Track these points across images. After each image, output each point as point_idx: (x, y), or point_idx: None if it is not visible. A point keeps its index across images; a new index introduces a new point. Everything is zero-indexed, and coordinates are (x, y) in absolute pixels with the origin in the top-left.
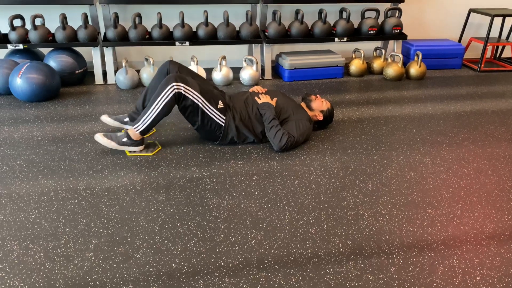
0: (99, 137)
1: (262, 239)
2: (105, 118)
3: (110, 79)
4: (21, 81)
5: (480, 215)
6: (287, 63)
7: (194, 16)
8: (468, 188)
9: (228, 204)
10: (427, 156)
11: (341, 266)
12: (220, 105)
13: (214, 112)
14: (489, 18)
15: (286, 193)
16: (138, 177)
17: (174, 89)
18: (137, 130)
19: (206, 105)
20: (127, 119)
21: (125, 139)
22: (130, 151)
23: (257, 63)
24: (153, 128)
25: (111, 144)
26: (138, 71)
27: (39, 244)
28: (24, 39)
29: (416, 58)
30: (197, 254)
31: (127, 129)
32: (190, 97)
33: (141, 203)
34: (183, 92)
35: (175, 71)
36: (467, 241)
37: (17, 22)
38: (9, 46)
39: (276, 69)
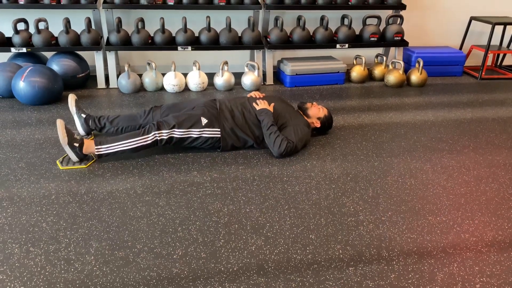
0: (59, 124)
1: (263, 245)
2: (70, 98)
3: (113, 83)
4: (24, 85)
5: (480, 222)
6: (288, 69)
7: (196, 21)
8: (468, 195)
9: (228, 209)
10: (428, 163)
11: (341, 273)
12: (204, 121)
13: (203, 131)
14: (490, 26)
15: (287, 198)
16: (139, 181)
17: (156, 137)
18: (97, 151)
19: (191, 131)
20: (83, 115)
21: (76, 144)
22: (62, 163)
23: (258, 69)
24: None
25: (63, 139)
26: (140, 75)
27: (40, 247)
28: (27, 42)
29: (417, 65)
30: (197, 259)
31: (84, 138)
32: (171, 135)
33: (142, 207)
34: (164, 137)
35: (158, 115)
36: (467, 249)
37: (20, 26)
38: (13, 49)
39: (278, 74)
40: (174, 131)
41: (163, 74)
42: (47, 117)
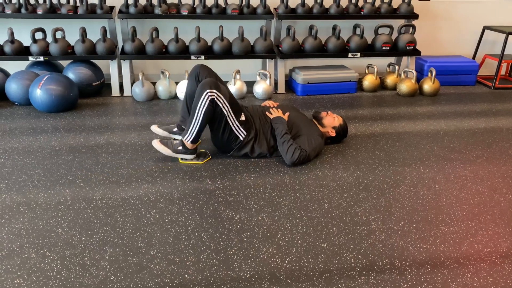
0: (156, 144)
1: (275, 253)
2: (155, 129)
3: (127, 91)
4: (40, 92)
5: (494, 233)
6: (300, 77)
7: (209, 31)
8: (482, 205)
9: (240, 216)
10: (441, 172)
11: (353, 282)
12: (242, 117)
13: (236, 124)
14: (503, 35)
15: (299, 207)
16: (153, 188)
17: (209, 96)
18: (187, 140)
19: (231, 115)
20: (175, 129)
21: (180, 148)
22: (182, 159)
23: (270, 77)
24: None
25: (167, 152)
26: (154, 83)
27: (55, 252)
28: (44, 51)
29: (429, 74)
30: (210, 266)
31: (181, 139)
32: (220, 104)
33: (155, 214)
34: (215, 99)
35: (205, 77)
36: (481, 260)
37: (38, 35)
38: (30, 58)
39: (290, 83)
40: (224, 101)
41: (177, 83)
42: (63, 124)
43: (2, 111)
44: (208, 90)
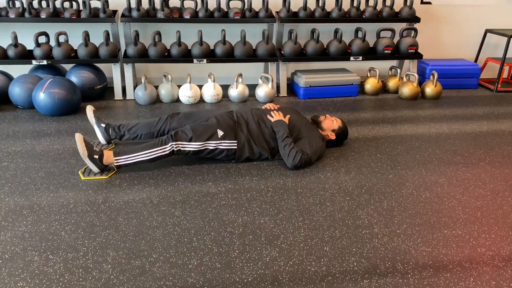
0: (78, 138)
1: (277, 256)
2: (88, 109)
3: (129, 95)
4: (44, 96)
5: (497, 236)
6: (302, 81)
7: (212, 34)
8: (484, 209)
9: (243, 220)
10: (443, 176)
11: (355, 285)
12: (220, 133)
13: (219, 143)
14: (505, 38)
15: (301, 210)
16: (155, 191)
17: (173, 147)
18: (116, 162)
19: (208, 143)
20: (103, 125)
21: (96, 156)
22: (84, 173)
23: (272, 81)
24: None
25: (83, 152)
26: (156, 87)
27: (58, 255)
28: (48, 55)
29: (431, 77)
30: (212, 269)
31: (103, 150)
32: (188, 148)
33: (158, 217)
34: (181, 149)
35: (175, 122)
36: (484, 263)
37: (42, 39)
38: (34, 61)
39: (292, 86)
40: (191, 144)
41: (179, 86)
42: (66, 127)
43: (5, 114)
44: (173, 143)
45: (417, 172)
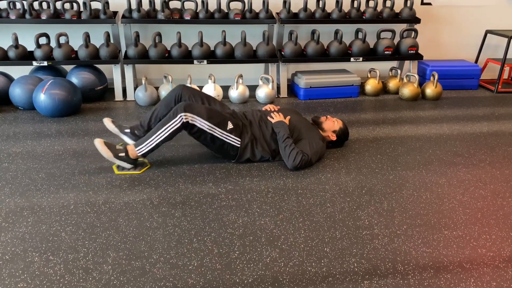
0: (99, 144)
1: (277, 257)
2: (107, 122)
3: (130, 96)
4: (44, 97)
5: (498, 237)
6: (302, 81)
7: (212, 35)
8: (485, 210)
9: (243, 221)
10: (443, 177)
11: (356, 286)
12: (230, 125)
13: (225, 134)
14: (506, 39)
15: (301, 211)
16: (155, 192)
17: (182, 119)
18: (139, 152)
19: (215, 128)
20: (128, 131)
21: (122, 154)
22: (118, 168)
23: (273, 82)
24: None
25: (107, 154)
26: (157, 88)
27: (59, 256)
28: (48, 56)
29: (432, 78)
30: (212, 270)
31: (127, 145)
32: (198, 124)
33: (158, 218)
34: (190, 122)
35: (187, 97)
36: (484, 264)
37: (42, 40)
38: (34, 63)
39: (292, 87)
40: (201, 120)
41: None
42: (67, 128)
43: (6, 115)
44: (182, 114)
45: (418, 173)
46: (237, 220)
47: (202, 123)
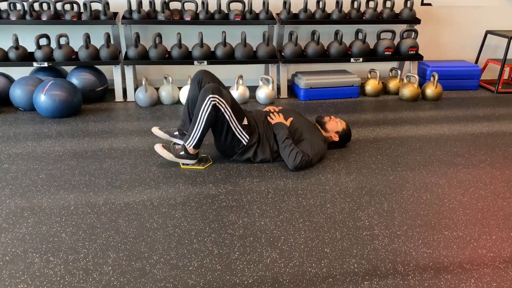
0: (159, 148)
1: (277, 258)
2: (156, 131)
3: (130, 97)
4: (44, 98)
5: (498, 238)
6: (303, 82)
7: (212, 36)
8: (485, 210)
9: (243, 221)
10: (444, 177)
11: (356, 287)
12: (245, 121)
13: (238, 128)
14: (506, 40)
15: (301, 212)
16: (156, 193)
17: (211, 101)
18: (189, 145)
19: (233, 119)
20: (176, 133)
21: (182, 152)
22: (183, 164)
23: (273, 82)
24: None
25: (169, 156)
26: (157, 89)
27: (59, 257)
28: (49, 57)
29: (432, 79)
30: (212, 271)
31: (183, 143)
32: (222, 109)
33: (158, 218)
34: (217, 104)
35: (207, 82)
36: (485, 264)
37: (42, 41)
38: (35, 64)
39: (292, 88)
40: (226, 105)
41: (180, 88)
42: (67, 129)
43: (6, 116)
44: (211, 96)
45: (418, 173)
46: (237, 221)
47: (226, 110)
